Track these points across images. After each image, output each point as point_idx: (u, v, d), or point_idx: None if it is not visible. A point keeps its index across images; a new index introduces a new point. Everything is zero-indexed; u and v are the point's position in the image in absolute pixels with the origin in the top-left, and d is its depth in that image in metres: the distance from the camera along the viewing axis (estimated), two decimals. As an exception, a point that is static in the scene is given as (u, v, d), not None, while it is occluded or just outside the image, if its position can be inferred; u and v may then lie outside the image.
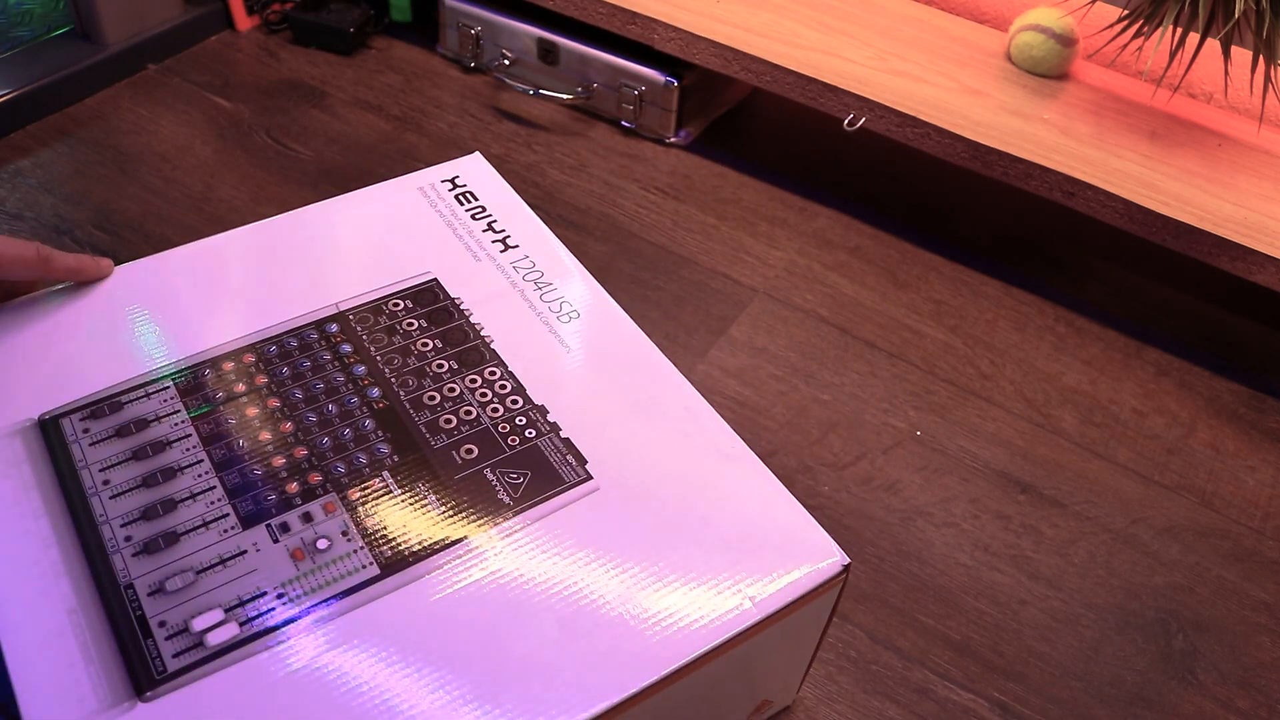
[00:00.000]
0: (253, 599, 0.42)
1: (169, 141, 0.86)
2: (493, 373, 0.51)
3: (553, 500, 0.46)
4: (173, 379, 0.49)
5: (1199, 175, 0.77)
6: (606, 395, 0.51)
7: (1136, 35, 0.76)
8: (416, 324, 0.53)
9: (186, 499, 0.45)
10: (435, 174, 0.62)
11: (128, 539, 0.43)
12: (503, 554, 0.44)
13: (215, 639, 0.40)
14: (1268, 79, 0.75)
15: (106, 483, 0.45)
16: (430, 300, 0.54)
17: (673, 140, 0.92)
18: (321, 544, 0.44)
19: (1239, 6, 0.69)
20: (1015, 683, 0.57)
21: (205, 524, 0.44)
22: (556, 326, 0.54)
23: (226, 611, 0.41)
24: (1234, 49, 0.76)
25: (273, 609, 0.42)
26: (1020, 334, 0.78)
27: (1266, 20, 0.71)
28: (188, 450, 0.47)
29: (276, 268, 0.55)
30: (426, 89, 0.95)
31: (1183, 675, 0.58)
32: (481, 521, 0.45)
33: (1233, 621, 0.61)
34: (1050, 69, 0.85)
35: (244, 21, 0.99)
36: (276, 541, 0.44)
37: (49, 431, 0.47)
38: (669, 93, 0.89)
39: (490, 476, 0.47)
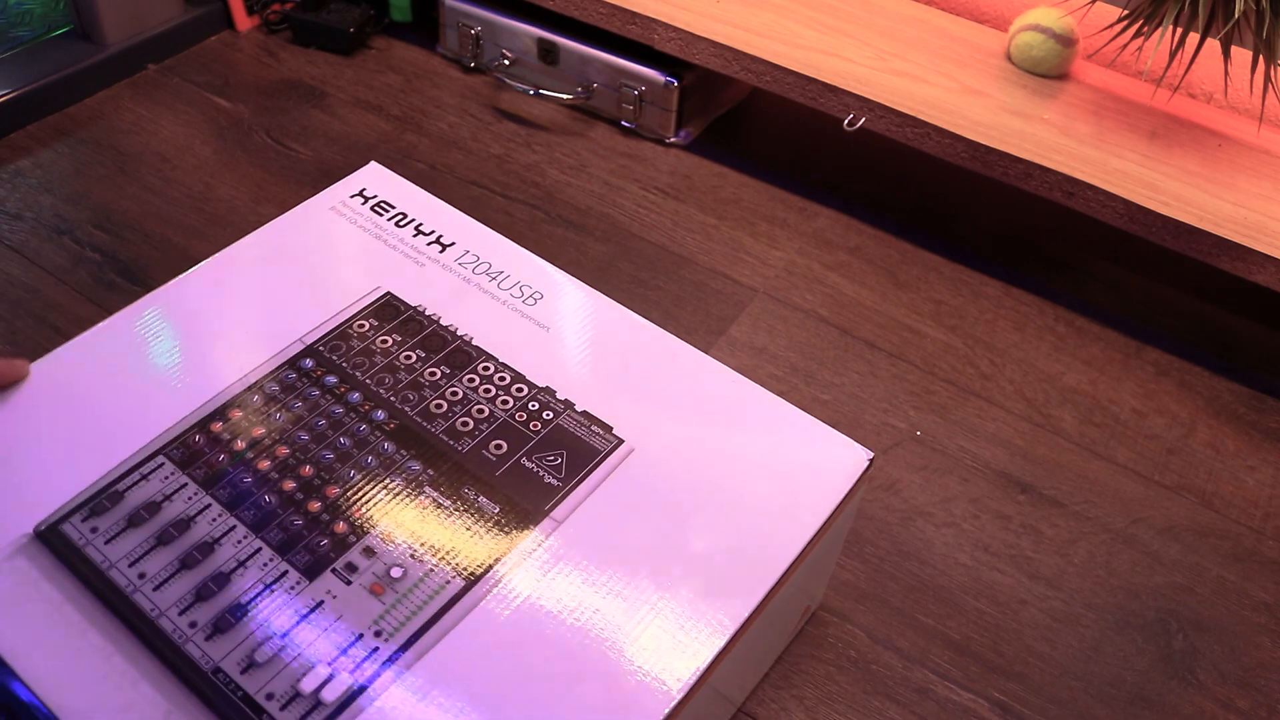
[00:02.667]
0: (352, 645, 0.40)
1: (169, 141, 0.86)
2: (486, 368, 0.51)
3: (598, 471, 0.47)
4: (164, 453, 0.47)
5: (1199, 175, 0.77)
6: (600, 362, 0.52)
7: (1136, 35, 0.76)
8: (391, 339, 0.52)
9: (236, 569, 0.43)
10: (342, 190, 0.60)
11: (192, 625, 0.41)
12: (576, 533, 0.45)
13: (330, 694, 0.39)
14: (1268, 79, 0.75)
15: (142, 576, 0.42)
16: (393, 314, 0.53)
17: (673, 140, 0.92)
18: (395, 572, 0.43)
19: (1239, 6, 0.69)
20: (1015, 683, 0.57)
21: (268, 587, 0.42)
22: (526, 310, 0.54)
23: (330, 664, 0.40)
24: (1234, 49, 0.76)
25: (376, 648, 0.40)
26: (1020, 334, 0.78)
27: (1266, 20, 0.71)
28: (214, 521, 0.44)
29: (223, 318, 0.53)
30: (426, 89, 0.95)
31: (1183, 675, 0.58)
32: (539, 508, 0.46)
33: (1233, 621, 0.61)
34: (1050, 69, 0.85)
35: (244, 21, 0.99)
36: (350, 584, 0.42)
37: (52, 541, 0.44)
38: (669, 93, 0.89)
39: (529, 464, 0.47)
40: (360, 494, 0.46)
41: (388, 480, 0.46)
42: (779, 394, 0.71)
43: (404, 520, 0.45)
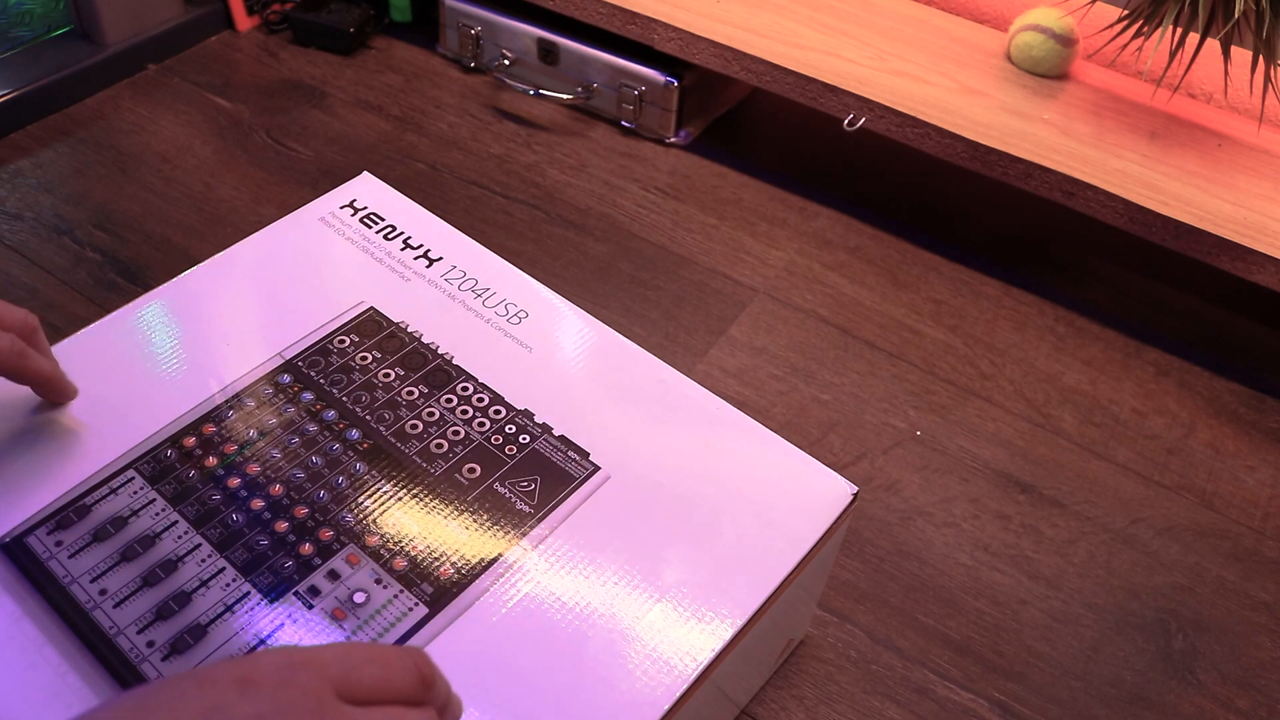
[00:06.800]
0: None
1: (169, 141, 0.86)
2: (465, 388, 0.50)
3: (571, 498, 0.46)
4: (135, 467, 0.46)
5: (1199, 175, 0.77)
6: (582, 386, 0.51)
7: (1136, 35, 0.76)
8: (370, 356, 0.51)
9: (198, 588, 0.42)
10: (332, 201, 0.59)
11: (150, 644, 0.40)
12: (543, 561, 0.44)
13: None
14: (1268, 79, 0.75)
15: (103, 592, 0.42)
16: (375, 330, 0.52)
17: (673, 140, 0.92)
18: (359, 597, 0.42)
19: (1239, 6, 0.69)
20: (1015, 683, 0.57)
21: (228, 608, 0.42)
22: (509, 329, 0.53)
23: None
24: (1234, 49, 0.76)
25: None
26: (1020, 334, 0.78)
27: (1266, 20, 0.71)
28: (179, 539, 0.43)
29: (205, 329, 0.52)
30: (426, 89, 0.95)
31: (1183, 675, 0.58)
32: (509, 535, 0.45)
33: (1233, 621, 0.61)
34: (1050, 69, 0.85)
35: (244, 21, 0.99)
36: (311, 608, 0.42)
37: (16, 553, 0.43)
38: (669, 93, 0.89)
39: (501, 489, 0.46)
40: (329, 515, 0.45)
41: (356, 502, 0.45)
42: (778, 394, 0.71)
43: (369, 544, 0.44)
